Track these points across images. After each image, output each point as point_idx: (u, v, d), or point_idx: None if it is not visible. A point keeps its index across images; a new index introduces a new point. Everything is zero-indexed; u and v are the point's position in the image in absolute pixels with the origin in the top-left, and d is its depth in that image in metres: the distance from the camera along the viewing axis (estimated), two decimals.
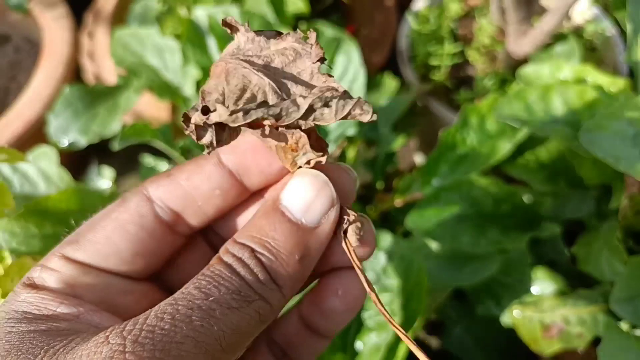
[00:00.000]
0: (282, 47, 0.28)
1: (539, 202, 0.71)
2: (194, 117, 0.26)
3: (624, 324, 0.64)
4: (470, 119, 0.72)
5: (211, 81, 0.28)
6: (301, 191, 0.28)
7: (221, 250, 0.27)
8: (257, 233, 0.27)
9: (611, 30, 0.97)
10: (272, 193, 0.29)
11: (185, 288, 0.25)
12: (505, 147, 0.69)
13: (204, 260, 0.32)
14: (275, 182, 0.32)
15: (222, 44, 0.77)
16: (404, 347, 0.56)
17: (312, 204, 0.27)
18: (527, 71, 0.70)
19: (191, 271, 0.31)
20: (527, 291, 0.69)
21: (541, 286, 0.69)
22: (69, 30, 1.07)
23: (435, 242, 0.67)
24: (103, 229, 0.29)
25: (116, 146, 0.70)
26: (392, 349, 0.56)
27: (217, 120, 0.26)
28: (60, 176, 0.73)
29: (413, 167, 0.97)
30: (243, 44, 0.29)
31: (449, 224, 0.65)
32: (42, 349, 0.24)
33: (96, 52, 1.03)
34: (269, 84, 0.27)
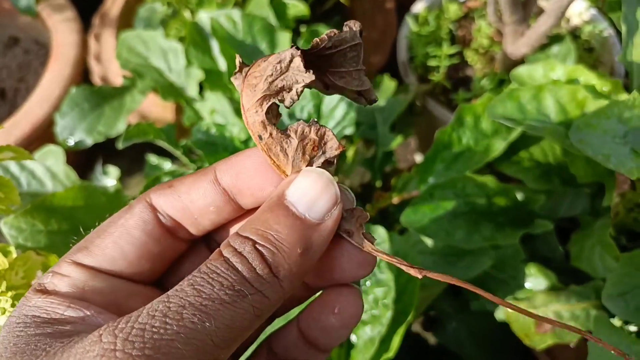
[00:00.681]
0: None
1: (533, 199, 0.72)
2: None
3: (616, 321, 0.65)
4: (465, 118, 0.73)
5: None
6: (306, 188, 0.28)
7: (223, 244, 0.27)
8: (261, 226, 0.27)
9: (608, 31, 0.98)
10: (277, 190, 0.29)
11: (180, 285, 0.25)
12: (500, 145, 0.71)
13: (194, 260, 0.34)
14: None
15: (224, 46, 0.79)
16: (397, 340, 0.58)
17: (317, 200, 0.28)
18: (520, 71, 0.72)
19: (189, 272, 0.33)
20: (521, 287, 0.70)
21: (534, 282, 0.70)
22: (76, 33, 1.09)
23: (429, 238, 0.68)
24: (110, 235, 0.31)
25: (120, 145, 0.72)
26: (385, 341, 0.58)
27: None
28: (67, 174, 0.76)
29: (411, 167, 0.98)
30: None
31: (443, 221, 0.66)
32: (44, 350, 0.25)
33: (103, 54, 1.06)
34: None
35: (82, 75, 1.08)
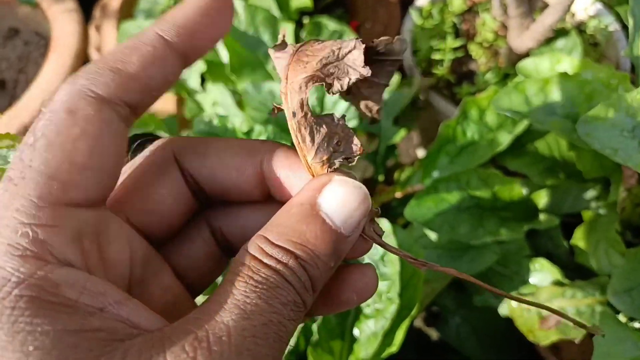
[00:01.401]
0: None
1: (538, 194, 0.71)
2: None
3: (622, 317, 0.65)
4: (470, 111, 0.72)
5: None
6: (344, 200, 0.27)
7: (254, 250, 0.26)
8: (299, 239, 0.26)
9: (614, 25, 0.97)
10: (307, 194, 0.28)
11: (245, 295, 0.24)
12: (505, 139, 0.70)
13: (176, 191, 0.32)
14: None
15: (227, 37, 0.78)
16: (400, 334, 0.57)
17: (352, 215, 0.27)
18: (526, 64, 0.71)
19: (163, 202, 0.31)
20: (525, 282, 0.70)
21: (539, 277, 0.70)
22: (77, 24, 1.08)
23: (433, 232, 0.67)
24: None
25: None
26: (388, 335, 0.57)
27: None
28: None
29: (415, 161, 0.98)
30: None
31: (447, 215, 0.66)
32: None
33: (104, 45, 1.05)
34: None
35: (82, 66, 1.07)
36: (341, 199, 0.27)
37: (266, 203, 0.33)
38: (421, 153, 1.15)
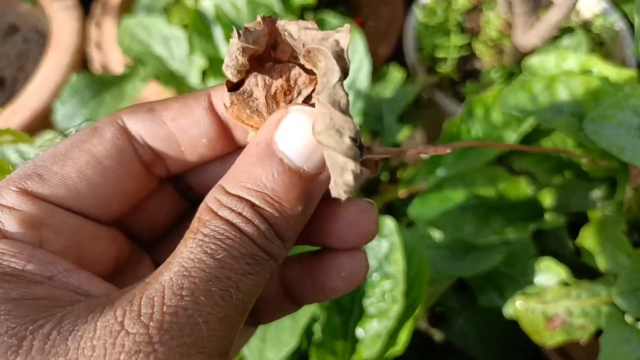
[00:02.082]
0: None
1: (544, 193, 0.70)
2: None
3: (628, 317, 0.64)
4: (475, 109, 0.72)
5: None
6: (300, 132, 0.24)
7: (210, 201, 0.23)
8: (254, 184, 0.23)
9: (619, 24, 0.96)
10: (262, 134, 0.24)
11: (192, 253, 0.22)
12: (510, 137, 0.69)
13: (170, 204, 0.30)
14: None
15: (228, 33, 0.77)
16: (404, 335, 0.56)
17: (315, 150, 0.24)
18: (532, 62, 0.70)
19: (156, 215, 0.29)
20: (530, 282, 0.69)
21: (544, 277, 0.69)
22: (76, 21, 1.07)
23: (438, 231, 0.67)
24: (74, 162, 0.25)
25: None
26: (392, 336, 0.56)
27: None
28: None
29: (419, 160, 0.97)
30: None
31: (452, 214, 0.65)
32: (27, 329, 0.19)
33: (103, 42, 1.04)
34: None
35: (81, 63, 1.06)
36: (300, 132, 0.23)
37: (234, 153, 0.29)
38: None
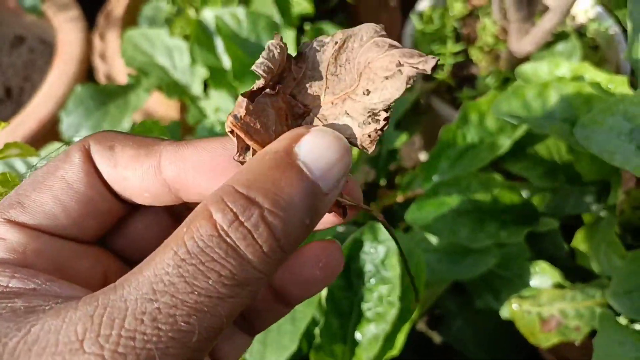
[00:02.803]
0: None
1: (538, 197, 0.72)
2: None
3: (622, 319, 0.65)
4: (470, 115, 0.73)
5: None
6: (323, 151, 0.24)
7: (212, 202, 0.22)
8: (272, 187, 0.22)
9: (614, 28, 0.97)
10: (281, 142, 0.24)
11: (164, 270, 0.21)
12: (505, 143, 0.70)
13: (158, 222, 0.30)
14: None
15: (229, 44, 0.79)
16: (401, 338, 0.58)
17: (332, 169, 0.24)
18: (525, 68, 0.72)
19: (143, 233, 0.30)
20: (526, 285, 0.70)
21: (540, 280, 0.70)
22: (81, 32, 1.10)
23: (434, 236, 0.68)
24: (49, 188, 0.26)
25: None
26: (389, 339, 0.58)
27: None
28: None
29: (416, 165, 0.98)
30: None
31: (447, 218, 0.66)
32: None
33: (107, 53, 1.06)
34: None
35: (86, 73, 1.08)
36: (320, 149, 0.24)
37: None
38: (423, 157, 1.16)
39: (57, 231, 0.27)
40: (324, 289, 0.32)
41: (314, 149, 0.24)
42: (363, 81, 0.27)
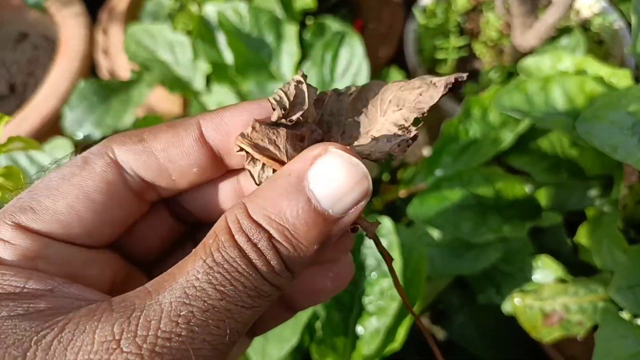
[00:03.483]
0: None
1: (541, 192, 0.71)
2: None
3: (625, 314, 0.65)
4: (472, 110, 0.73)
5: None
6: (335, 179, 0.23)
7: (231, 220, 0.23)
8: (276, 215, 0.23)
9: (619, 23, 0.97)
10: (296, 166, 0.24)
11: (194, 277, 0.22)
12: (508, 137, 0.70)
13: (164, 225, 0.31)
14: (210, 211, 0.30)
15: (231, 39, 0.79)
16: (402, 331, 0.58)
17: (345, 196, 0.24)
18: (527, 63, 0.71)
19: (150, 236, 0.30)
20: (528, 280, 0.70)
21: (542, 274, 0.70)
22: (84, 28, 1.10)
23: (436, 230, 0.68)
24: (65, 196, 0.26)
25: None
26: (391, 332, 0.58)
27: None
28: None
29: (418, 160, 0.98)
30: None
31: (450, 213, 0.66)
32: (31, 340, 0.20)
33: (110, 49, 1.06)
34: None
35: (89, 69, 1.09)
36: (334, 176, 0.23)
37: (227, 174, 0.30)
38: (426, 152, 1.16)
39: (69, 239, 0.26)
40: None
41: (326, 175, 0.23)
42: (391, 106, 0.28)
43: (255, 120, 0.26)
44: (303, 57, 0.81)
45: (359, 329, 0.59)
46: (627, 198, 0.65)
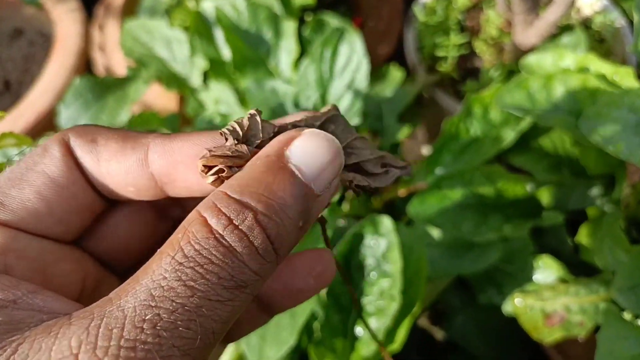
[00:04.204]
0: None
1: (542, 191, 0.71)
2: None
3: (627, 314, 0.64)
4: (473, 108, 0.72)
5: None
6: (315, 153, 0.24)
7: (205, 209, 0.22)
8: (264, 190, 0.22)
9: (620, 21, 0.96)
10: (273, 146, 0.24)
11: (161, 275, 0.20)
12: (509, 136, 0.69)
13: (141, 226, 0.29)
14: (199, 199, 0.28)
15: (229, 35, 0.78)
16: (402, 332, 0.57)
17: (324, 170, 0.24)
18: (529, 60, 0.70)
19: (125, 236, 0.29)
20: (529, 280, 0.69)
21: (543, 275, 0.69)
22: (80, 24, 1.08)
23: (436, 229, 0.67)
24: (30, 184, 0.25)
25: None
26: (390, 333, 0.57)
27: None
28: None
29: (418, 159, 0.97)
30: None
31: (450, 212, 0.65)
32: None
33: (106, 45, 1.05)
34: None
35: (85, 65, 1.07)
36: (312, 151, 0.24)
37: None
38: (426, 150, 1.15)
39: (39, 230, 0.25)
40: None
41: (305, 151, 0.24)
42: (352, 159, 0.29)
43: (207, 149, 0.25)
44: (302, 54, 0.80)
45: (358, 330, 0.58)
46: (630, 197, 0.65)
